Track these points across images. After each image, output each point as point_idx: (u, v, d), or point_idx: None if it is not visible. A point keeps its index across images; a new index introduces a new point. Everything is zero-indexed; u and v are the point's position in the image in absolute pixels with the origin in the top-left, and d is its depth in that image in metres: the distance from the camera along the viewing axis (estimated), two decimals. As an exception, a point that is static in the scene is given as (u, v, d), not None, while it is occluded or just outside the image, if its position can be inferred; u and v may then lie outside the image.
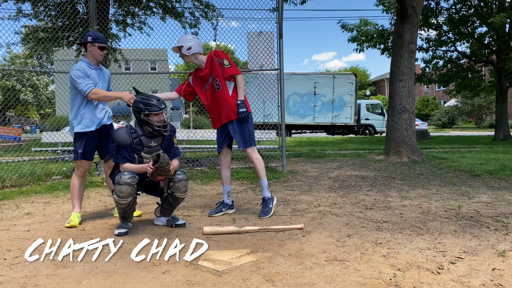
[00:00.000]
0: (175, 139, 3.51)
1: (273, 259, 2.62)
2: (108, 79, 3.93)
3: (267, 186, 3.92)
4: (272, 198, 3.90)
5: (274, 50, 6.82)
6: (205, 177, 6.20)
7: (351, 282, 2.24)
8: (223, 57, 3.79)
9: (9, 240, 3.13)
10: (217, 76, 3.79)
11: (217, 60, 3.78)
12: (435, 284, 2.19)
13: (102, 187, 5.60)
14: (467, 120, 40.05)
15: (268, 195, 3.87)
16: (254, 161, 3.89)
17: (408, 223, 3.49)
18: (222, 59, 3.77)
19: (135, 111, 3.31)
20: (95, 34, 3.71)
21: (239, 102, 3.75)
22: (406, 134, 8.36)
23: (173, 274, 2.39)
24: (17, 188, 5.45)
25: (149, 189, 3.50)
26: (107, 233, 3.31)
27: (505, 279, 2.25)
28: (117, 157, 3.29)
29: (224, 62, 3.77)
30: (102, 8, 7.00)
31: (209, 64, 3.81)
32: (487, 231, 3.21)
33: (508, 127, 17.26)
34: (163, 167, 3.08)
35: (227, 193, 4.01)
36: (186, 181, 3.36)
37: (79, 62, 3.76)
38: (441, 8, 16.50)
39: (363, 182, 5.77)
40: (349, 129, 23.23)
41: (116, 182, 3.17)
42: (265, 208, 3.81)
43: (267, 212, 3.77)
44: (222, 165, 4.05)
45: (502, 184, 5.38)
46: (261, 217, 3.72)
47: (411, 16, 8.39)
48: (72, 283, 2.28)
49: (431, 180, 5.80)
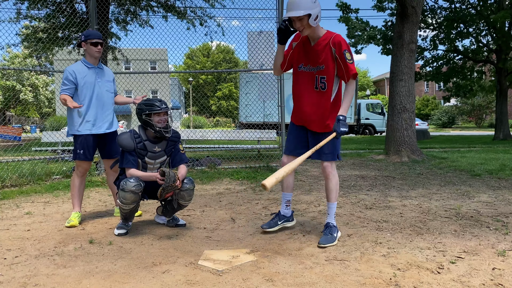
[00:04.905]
0: (180, 145, 3.46)
1: (273, 259, 2.62)
2: (112, 80, 3.88)
3: (335, 212, 3.15)
4: (337, 228, 3.11)
5: (274, 50, 6.82)
6: (205, 177, 6.20)
7: (351, 282, 2.24)
8: (345, 48, 2.86)
9: (9, 239, 3.13)
10: (325, 72, 2.93)
11: (332, 50, 2.88)
12: (435, 284, 2.19)
13: (102, 186, 5.60)
14: (467, 119, 40.08)
15: (333, 222, 3.09)
16: (331, 178, 3.11)
17: (408, 222, 3.49)
18: (344, 51, 2.85)
19: (137, 113, 3.30)
20: (87, 32, 3.69)
21: (342, 118, 2.87)
22: (406, 134, 8.36)
23: (173, 274, 2.38)
24: (17, 188, 5.45)
25: (153, 195, 3.48)
26: (107, 233, 3.31)
27: (505, 279, 2.25)
28: (122, 162, 3.26)
29: (346, 55, 2.85)
30: (102, 7, 7.00)
31: (320, 48, 2.92)
32: (487, 230, 3.21)
33: (508, 126, 17.27)
34: (170, 185, 3.03)
35: (287, 202, 3.33)
36: (192, 190, 3.33)
37: (76, 62, 3.74)
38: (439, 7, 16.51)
39: (363, 181, 5.77)
40: (349, 128, 23.24)
41: (121, 188, 3.12)
42: (328, 235, 2.98)
43: (330, 240, 2.93)
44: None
45: (502, 184, 5.38)
46: (322, 243, 2.87)
47: (411, 15, 8.38)
48: (72, 282, 2.28)
49: (431, 180, 5.80)
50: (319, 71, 2.95)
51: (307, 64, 3.02)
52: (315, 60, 2.96)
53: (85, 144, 3.63)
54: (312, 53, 2.97)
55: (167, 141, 3.37)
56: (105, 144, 3.80)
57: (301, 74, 3.06)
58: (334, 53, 2.88)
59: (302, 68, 3.05)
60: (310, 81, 3.00)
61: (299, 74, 3.07)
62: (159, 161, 3.38)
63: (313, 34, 2.95)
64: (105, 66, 3.90)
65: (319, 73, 2.95)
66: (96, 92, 3.66)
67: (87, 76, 3.62)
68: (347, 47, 2.88)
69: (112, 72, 3.96)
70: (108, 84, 3.79)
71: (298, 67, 3.08)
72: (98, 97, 3.67)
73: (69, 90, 3.56)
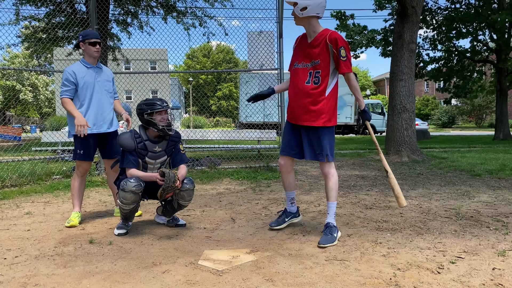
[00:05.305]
0: (181, 145, 3.46)
1: (273, 259, 2.62)
2: (112, 79, 3.87)
3: (335, 212, 3.14)
4: (337, 228, 3.10)
5: (274, 50, 6.82)
6: (205, 177, 6.20)
7: (351, 282, 2.24)
8: (342, 44, 2.89)
9: (9, 239, 3.13)
10: (320, 67, 2.95)
11: (329, 46, 2.91)
12: (435, 284, 2.19)
13: (102, 186, 5.60)
14: (467, 119, 40.10)
15: (333, 222, 3.08)
16: (330, 177, 3.10)
17: (408, 222, 3.49)
18: (340, 47, 2.88)
19: (139, 113, 3.30)
20: (85, 32, 3.68)
21: (367, 109, 3.07)
22: (406, 134, 8.36)
23: (173, 274, 2.38)
24: (17, 188, 5.45)
25: (153, 195, 3.48)
26: (107, 233, 3.31)
27: (505, 279, 2.24)
28: (123, 162, 3.26)
29: (341, 52, 2.89)
30: (102, 7, 7.00)
31: (317, 44, 2.95)
32: (487, 230, 3.21)
33: (508, 126, 17.28)
34: (170, 186, 3.03)
35: (291, 200, 3.39)
36: (192, 190, 3.33)
37: (75, 63, 3.74)
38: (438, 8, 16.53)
39: (363, 181, 5.77)
40: (349, 128, 23.25)
41: (121, 188, 3.12)
42: (328, 235, 2.97)
43: (330, 240, 2.92)
44: (283, 170, 3.32)
45: (502, 184, 5.38)
46: (322, 243, 2.87)
47: (411, 15, 8.39)
48: (72, 282, 2.28)
49: (431, 180, 5.80)
50: (314, 66, 2.97)
51: (302, 61, 3.05)
52: (311, 56, 2.98)
53: (85, 144, 3.63)
54: (309, 49, 3.00)
55: (168, 141, 3.37)
56: (105, 144, 3.79)
57: (295, 72, 3.09)
58: (331, 49, 2.91)
59: (297, 66, 3.09)
60: (303, 77, 3.02)
61: (294, 71, 3.11)
62: (160, 161, 3.38)
63: (308, 29, 3.00)
64: (104, 66, 3.88)
65: (314, 68, 2.97)
66: (95, 92, 3.65)
67: (86, 76, 3.61)
68: (344, 44, 2.90)
69: (111, 72, 3.95)
70: (108, 83, 3.78)
71: (293, 65, 3.12)
72: (98, 97, 3.66)
73: (69, 92, 3.55)
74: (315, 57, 2.96)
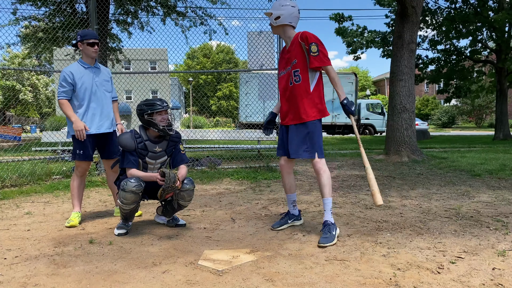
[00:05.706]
0: (181, 146, 3.46)
1: (273, 259, 2.62)
2: (110, 79, 3.87)
3: (331, 208, 3.12)
4: (335, 225, 3.10)
5: (274, 50, 6.82)
6: (205, 177, 6.20)
7: (351, 282, 2.24)
8: (312, 41, 3.01)
9: (9, 239, 3.13)
10: (298, 66, 3.08)
11: (302, 44, 3.05)
12: (435, 284, 2.19)
13: (102, 186, 5.60)
14: (467, 119, 40.10)
15: (331, 220, 3.08)
16: (322, 173, 3.10)
17: (408, 222, 3.49)
18: (310, 43, 3.01)
19: (139, 114, 3.29)
20: (83, 32, 3.65)
21: (346, 101, 3.04)
22: (406, 134, 8.36)
23: (173, 274, 2.38)
24: (17, 188, 5.45)
25: (153, 195, 3.48)
26: (107, 233, 3.31)
27: (505, 279, 2.25)
28: (123, 162, 3.26)
29: (311, 48, 3.01)
30: (102, 8, 7.00)
31: (293, 47, 3.11)
32: (487, 230, 3.21)
33: (508, 126, 17.28)
34: (170, 186, 3.03)
35: (292, 203, 3.44)
36: (192, 191, 3.33)
37: (72, 63, 3.73)
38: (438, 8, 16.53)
39: (363, 181, 5.77)
40: (349, 128, 23.23)
41: (121, 188, 3.12)
42: (327, 234, 2.97)
43: (329, 239, 2.93)
44: (284, 171, 3.38)
45: (502, 184, 5.38)
46: (322, 243, 2.88)
47: (411, 15, 8.39)
48: (72, 282, 2.28)
49: (431, 180, 5.80)
50: (293, 66, 3.12)
51: (283, 68, 3.24)
52: (290, 59, 3.16)
53: (84, 144, 3.62)
54: (287, 55, 3.19)
55: (168, 141, 3.37)
56: (104, 144, 3.79)
57: (281, 80, 3.28)
58: (304, 47, 3.06)
59: (281, 74, 3.28)
60: (288, 80, 3.18)
61: (279, 80, 3.30)
62: (160, 161, 3.38)
63: (283, 36, 3.22)
64: (102, 66, 3.87)
65: (293, 68, 3.12)
66: (94, 92, 3.64)
67: (84, 77, 3.60)
68: (315, 40, 3.03)
69: (109, 71, 3.94)
70: (106, 83, 3.78)
71: (279, 75, 3.32)
72: (97, 97, 3.66)
73: (67, 93, 3.54)
74: (292, 59, 3.13)
